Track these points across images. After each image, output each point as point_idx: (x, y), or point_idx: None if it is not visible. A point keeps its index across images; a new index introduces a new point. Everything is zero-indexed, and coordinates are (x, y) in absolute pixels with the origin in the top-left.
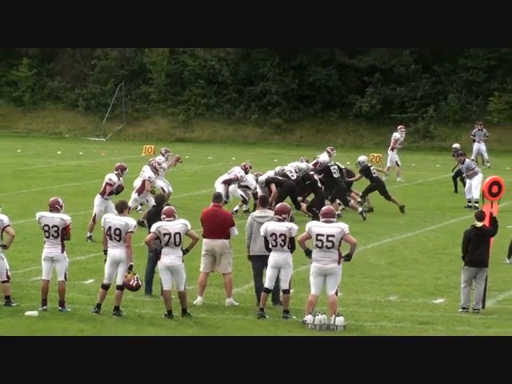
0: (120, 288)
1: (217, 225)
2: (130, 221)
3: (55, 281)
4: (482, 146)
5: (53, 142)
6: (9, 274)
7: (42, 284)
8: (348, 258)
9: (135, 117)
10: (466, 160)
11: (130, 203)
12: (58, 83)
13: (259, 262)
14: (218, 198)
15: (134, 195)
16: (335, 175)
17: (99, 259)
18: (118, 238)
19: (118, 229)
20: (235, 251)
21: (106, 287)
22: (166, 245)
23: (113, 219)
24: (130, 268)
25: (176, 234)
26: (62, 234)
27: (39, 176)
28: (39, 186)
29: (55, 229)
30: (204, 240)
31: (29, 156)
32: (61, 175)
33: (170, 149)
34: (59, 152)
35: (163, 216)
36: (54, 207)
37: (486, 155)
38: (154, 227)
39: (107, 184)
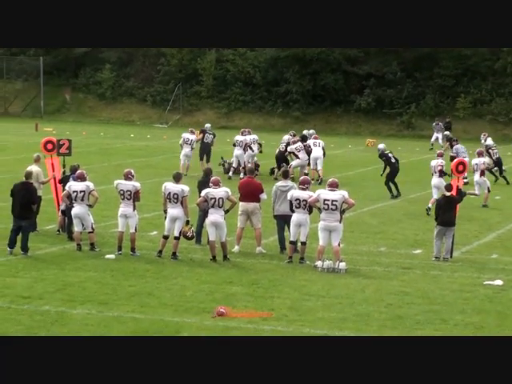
0: (177, 238)
1: (250, 191)
2: (185, 187)
3: (128, 232)
4: (440, 135)
5: (127, 128)
6: (93, 226)
7: (118, 234)
8: (343, 212)
9: (189, 109)
10: (457, 145)
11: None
12: (132, 83)
13: (281, 220)
14: (251, 171)
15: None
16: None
17: (161, 216)
18: (175, 200)
19: (176, 193)
20: (264, 211)
21: (166, 237)
22: (212, 206)
23: (172, 187)
24: (187, 222)
25: (220, 198)
26: (134, 196)
27: (117, 153)
28: (117, 161)
29: (128, 193)
30: (240, 203)
31: (109, 138)
32: (133, 153)
33: (216, 133)
34: (132, 135)
35: (211, 184)
36: (128, 176)
37: (441, 142)
38: (203, 193)
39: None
